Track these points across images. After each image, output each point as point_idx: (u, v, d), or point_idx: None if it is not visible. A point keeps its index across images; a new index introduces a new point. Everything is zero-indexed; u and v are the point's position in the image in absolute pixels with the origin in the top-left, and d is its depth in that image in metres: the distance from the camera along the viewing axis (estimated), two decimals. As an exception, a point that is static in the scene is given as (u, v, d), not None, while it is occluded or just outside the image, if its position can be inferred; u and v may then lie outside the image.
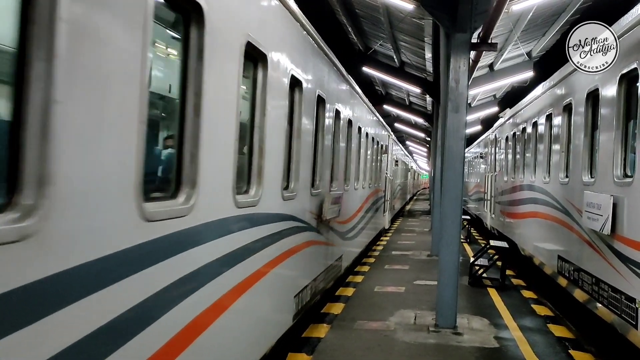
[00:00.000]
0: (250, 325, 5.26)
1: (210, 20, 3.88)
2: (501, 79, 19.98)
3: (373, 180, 16.39)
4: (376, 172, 17.34)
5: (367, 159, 14.70)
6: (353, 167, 12.09)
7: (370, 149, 15.22)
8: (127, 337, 3.04)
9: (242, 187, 5.06)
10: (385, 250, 17.41)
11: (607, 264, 7.36)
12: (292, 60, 6.35)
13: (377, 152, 17.18)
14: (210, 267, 4.19)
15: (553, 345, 8.19)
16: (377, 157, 17.35)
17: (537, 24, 15.09)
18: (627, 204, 6.77)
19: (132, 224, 3.08)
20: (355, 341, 7.99)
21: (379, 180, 18.45)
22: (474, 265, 12.75)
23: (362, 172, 13.71)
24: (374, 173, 16.50)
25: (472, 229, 22.98)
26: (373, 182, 16.38)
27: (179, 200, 3.75)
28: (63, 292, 2.52)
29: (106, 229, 2.86)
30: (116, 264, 2.94)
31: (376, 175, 17.35)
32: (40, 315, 2.37)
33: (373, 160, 16.32)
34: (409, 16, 14.24)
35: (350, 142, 11.57)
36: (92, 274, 2.73)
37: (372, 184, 16.19)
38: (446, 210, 8.85)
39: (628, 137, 7.14)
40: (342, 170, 10.66)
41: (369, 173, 15.34)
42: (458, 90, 8.77)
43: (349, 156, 11.55)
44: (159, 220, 3.36)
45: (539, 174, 12.13)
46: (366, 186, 14.69)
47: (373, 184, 16.37)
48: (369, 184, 15.34)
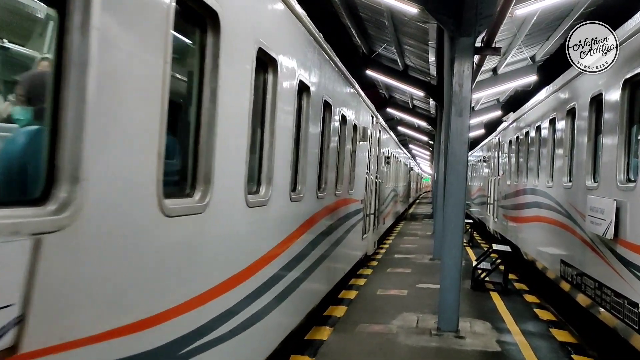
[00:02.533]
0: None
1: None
2: (505, 83, 19.97)
3: (338, 184, 9.66)
4: (346, 168, 10.49)
5: (316, 147, 7.76)
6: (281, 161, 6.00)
7: (332, 131, 8.89)
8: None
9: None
10: (388, 254, 17.40)
11: (610, 268, 7.35)
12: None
13: (347, 138, 10.59)
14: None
15: (556, 350, 8.19)
16: (349, 146, 10.90)
17: (541, 28, 15.11)
18: (630, 209, 6.76)
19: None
20: (357, 344, 7.99)
21: (353, 183, 11.42)
22: (476, 269, 12.74)
23: (301, 169, 7.03)
24: (338, 170, 9.78)
25: (474, 233, 22.96)
26: (337, 187, 9.54)
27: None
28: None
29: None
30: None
31: (346, 174, 10.53)
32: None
33: (337, 150, 9.54)
34: (413, 20, 14.26)
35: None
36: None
37: (336, 189, 9.48)
38: (449, 213, 8.85)
39: (631, 142, 7.14)
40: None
41: (326, 171, 8.62)
42: (462, 94, 8.78)
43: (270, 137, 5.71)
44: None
45: (542, 178, 12.12)
46: (307, 196, 7.29)
47: (336, 191, 9.42)
48: (321, 190, 8.27)
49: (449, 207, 8.85)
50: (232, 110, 4.39)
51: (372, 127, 14.48)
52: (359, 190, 12.55)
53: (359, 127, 11.93)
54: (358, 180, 12.24)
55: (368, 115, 13.74)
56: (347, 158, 10.72)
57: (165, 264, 3.51)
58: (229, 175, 4.43)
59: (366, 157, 13.65)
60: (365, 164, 13.47)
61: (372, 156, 14.76)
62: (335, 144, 9.30)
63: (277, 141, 5.63)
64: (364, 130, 12.42)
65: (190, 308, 3.82)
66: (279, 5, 5.74)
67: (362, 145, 12.62)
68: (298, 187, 6.87)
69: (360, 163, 12.48)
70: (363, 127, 12.35)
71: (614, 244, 7.21)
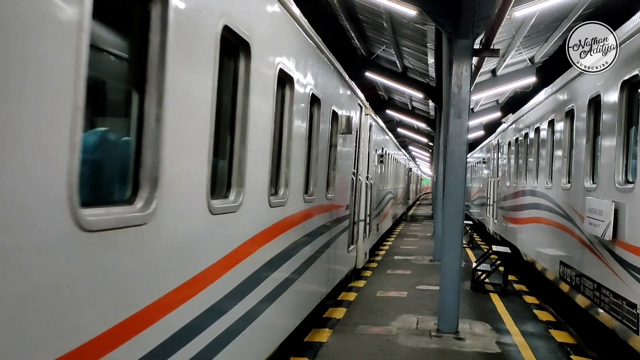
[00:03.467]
0: None
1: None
2: (504, 85, 20.00)
3: (309, 187, 7.60)
4: (320, 166, 8.10)
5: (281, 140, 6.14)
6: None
7: (297, 115, 6.49)
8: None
9: None
10: (388, 255, 17.41)
11: (608, 269, 7.37)
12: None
13: (322, 127, 8.08)
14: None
15: (555, 351, 8.21)
16: (326, 138, 8.44)
17: (540, 30, 15.13)
18: (629, 210, 6.79)
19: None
20: (357, 346, 8.00)
21: (333, 185, 9.14)
22: (476, 270, 12.76)
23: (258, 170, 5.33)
24: (309, 169, 7.59)
25: (474, 234, 22.97)
26: (308, 191, 7.49)
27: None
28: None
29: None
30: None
31: (321, 173, 8.19)
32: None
33: (306, 142, 7.19)
34: (412, 22, 14.29)
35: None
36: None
37: (307, 194, 7.39)
38: (448, 215, 8.87)
39: (630, 143, 7.16)
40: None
41: (286, 169, 6.31)
42: (460, 95, 8.80)
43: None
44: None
45: (541, 180, 12.15)
46: (249, 204, 4.99)
47: (305, 195, 7.28)
48: (278, 195, 6.12)
49: (449, 209, 8.87)
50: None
51: (361, 119, 12.21)
52: (343, 194, 10.11)
53: (340, 115, 9.25)
54: (341, 181, 9.77)
55: (354, 103, 11.10)
56: (323, 153, 8.11)
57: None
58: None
59: (352, 154, 11.25)
60: (351, 162, 11.14)
61: (362, 153, 12.64)
62: (301, 133, 6.72)
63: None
64: (348, 120, 9.60)
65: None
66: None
67: (346, 140, 10.18)
68: (231, 192, 4.64)
69: (343, 160, 9.97)
70: (346, 117, 9.61)
71: (612, 245, 7.23)
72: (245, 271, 4.90)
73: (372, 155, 14.59)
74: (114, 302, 2.94)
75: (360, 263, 12.97)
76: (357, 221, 12.44)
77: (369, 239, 14.37)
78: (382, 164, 17.73)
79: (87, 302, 2.71)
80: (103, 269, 2.83)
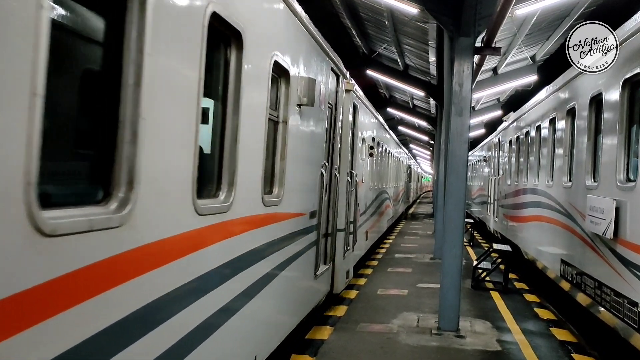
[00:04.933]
0: None
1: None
2: (505, 83, 20.02)
3: (221, 188, 4.45)
4: (253, 155, 5.01)
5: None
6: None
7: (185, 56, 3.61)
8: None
9: None
10: (389, 253, 17.42)
11: (609, 267, 7.38)
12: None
13: (256, 90, 5.01)
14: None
15: (556, 349, 8.21)
16: (263, 109, 5.25)
17: (541, 28, 15.13)
18: (630, 208, 6.79)
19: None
20: (358, 343, 8.01)
21: (283, 184, 6.00)
22: (477, 268, 12.77)
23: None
24: (223, 157, 4.45)
25: (475, 233, 22.98)
26: (218, 193, 4.42)
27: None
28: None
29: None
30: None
31: (255, 167, 5.11)
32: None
33: (228, 114, 4.46)
34: (413, 20, 14.29)
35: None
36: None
37: (217, 197, 4.39)
38: (449, 213, 8.88)
39: (631, 142, 7.16)
40: None
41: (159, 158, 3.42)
42: (462, 93, 8.80)
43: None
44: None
45: (542, 178, 12.15)
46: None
47: (215, 201, 4.31)
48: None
49: (450, 207, 8.87)
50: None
51: (338, 94, 9.06)
52: (304, 196, 7.05)
53: (294, 74, 6.04)
54: (299, 178, 6.72)
55: (324, 67, 7.83)
56: (255, 131, 5.02)
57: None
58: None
59: (322, 140, 7.97)
60: (320, 152, 7.87)
61: (344, 142, 9.67)
62: (185, 87, 3.83)
63: None
64: (310, 85, 6.30)
65: None
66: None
67: (309, 117, 6.89)
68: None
69: (304, 148, 6.86)
70: (307, 80, 6.29)
71: (613, 243, 7.23)
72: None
73: (359, 146, 11.72)
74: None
75: (340, 286, 9.81)
76: (333, 232, 9.08)
77: (353, 252, 11.17)
78: (373, 158, 14.56)
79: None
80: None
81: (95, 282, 2.69)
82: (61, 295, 2.44)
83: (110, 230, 2.74)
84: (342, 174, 9.70)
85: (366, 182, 13.68)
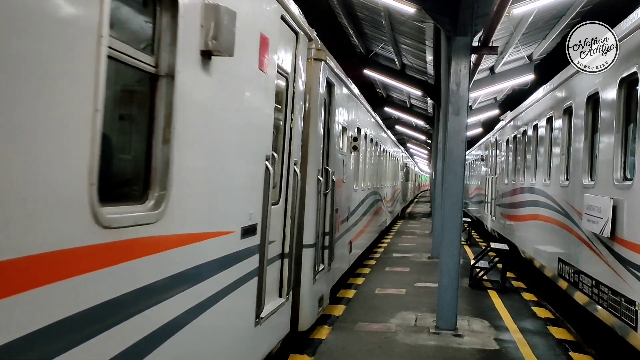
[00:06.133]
0: None
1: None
2: (502, 82, 20.04)
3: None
4: (159, 141, 3.45)
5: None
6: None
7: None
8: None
9: None
10: (386, 253, 17.43)
11: (607, 266, 7.39)
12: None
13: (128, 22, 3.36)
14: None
15: (553, 348, 8.22)
16: (151, 59, 3.35)
17: (538, 27, 15.15)
18: (627, 207, 6.80)
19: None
20: (356, 343, 8.02)
21: (209, 184, 4.22)
22: (474, 267, 12.78)
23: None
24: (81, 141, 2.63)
25: (472, 232, 23.00)
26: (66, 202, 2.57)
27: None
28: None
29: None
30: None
31: (149, 154, 3.45)
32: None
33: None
34: (410, 19, 14.30)
35: None
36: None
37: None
38: (447, 212, 8.88)
39: (628, 140, 7.18)
40: None
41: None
42: (459, 93, 8.81)
43: None
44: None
45: (540, 177, 12.16)
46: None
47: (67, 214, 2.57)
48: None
49: (447, 206, 8.88)
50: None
51: (297, 60, 6.65)
52: (228, 204, 4.68)
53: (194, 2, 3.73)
54: (217, 175, 4.43)
55: (271, 14, 5.64)
56: (84, 82, 2.63)
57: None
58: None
59: (267, 121, 5.52)
60: (264, 137, 5.44)
61: (312, 128, 7.42)
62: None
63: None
64: (226, 20, 3.95)
65: None
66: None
67: (235, 80, 4.66)
68: None
69: (227, 127, 4.55)
70: (220, 11, 3.90)
71: (610, 242, 7.24)
72: None
73: (337, 136, 9.30)
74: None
75: (307, 320, 7.45)
76: (291, 252, 6.46)
77: (330, 271, 8.94)
78: (358, 152, 11.83)
79: None
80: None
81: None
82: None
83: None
84: (310, 170, 7.45)
85: (349, 181, 11.29)
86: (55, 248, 2.47)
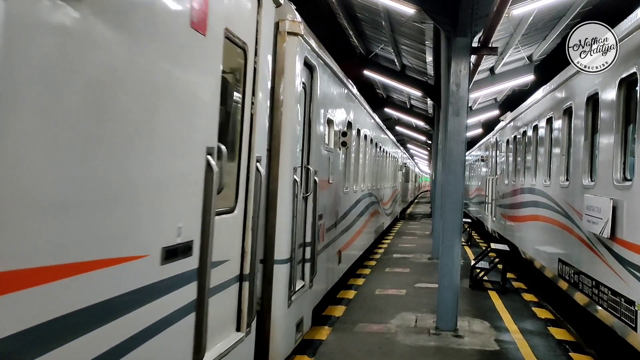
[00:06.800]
0: None
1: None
2: (502, 83, 20.03)
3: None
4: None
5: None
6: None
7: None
8: None
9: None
10: (386, 254, 17.43)
11: (606, 267, 7.39)
12: None
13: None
14: None
15: (553, 348, 8.23)
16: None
17: (538, 28, 15.15)
18: (627, 208, 6.80)
19: None
20: (356, 343, 8.02)
21: (92, 190, 2.51)
22: (474, 268, 12.78)
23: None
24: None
25: (473, 232, 23.00)
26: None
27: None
28: None
29: None
30: None
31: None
32: None
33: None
34: (410, 20, 14.30)
35: None
36: None
37: None
38: (447, 213, 8.89)
39: (627, 141, 7.18)
40: None
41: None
42: (459, 93, 8.82)
43: None
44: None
45: (540, 177, 12.17)
46: None
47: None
48: None
49: (447, 207, 8.88)
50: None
51: (260, 28, 4.88)
52: (151, 218, 3.11)
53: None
54: (124, 178, 2.79)
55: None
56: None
57: None
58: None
59: (207, 100, 3.82)
60: (200, 121, 3.73)
61: (286, 117, 6.25)
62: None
63: None
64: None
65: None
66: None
67: (166, 49, 3.14)
68: None
69: (141, 112, 2.94)
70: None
71: (610, 242, 7.24)
72: None
73: (320, 130, 7.95)
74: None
75: (279, 352, 6.25)
76: (252, 273, 4.88)
77: (312, 288, 7.73)
78: (346, 149, 10.26)
79: None
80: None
81: None
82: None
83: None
84: (284, 169, 6.27)
85: (338, 182, 9.91)
86: None
